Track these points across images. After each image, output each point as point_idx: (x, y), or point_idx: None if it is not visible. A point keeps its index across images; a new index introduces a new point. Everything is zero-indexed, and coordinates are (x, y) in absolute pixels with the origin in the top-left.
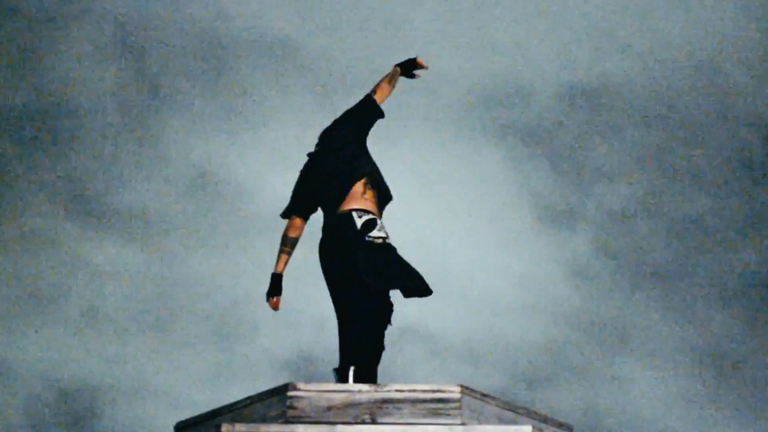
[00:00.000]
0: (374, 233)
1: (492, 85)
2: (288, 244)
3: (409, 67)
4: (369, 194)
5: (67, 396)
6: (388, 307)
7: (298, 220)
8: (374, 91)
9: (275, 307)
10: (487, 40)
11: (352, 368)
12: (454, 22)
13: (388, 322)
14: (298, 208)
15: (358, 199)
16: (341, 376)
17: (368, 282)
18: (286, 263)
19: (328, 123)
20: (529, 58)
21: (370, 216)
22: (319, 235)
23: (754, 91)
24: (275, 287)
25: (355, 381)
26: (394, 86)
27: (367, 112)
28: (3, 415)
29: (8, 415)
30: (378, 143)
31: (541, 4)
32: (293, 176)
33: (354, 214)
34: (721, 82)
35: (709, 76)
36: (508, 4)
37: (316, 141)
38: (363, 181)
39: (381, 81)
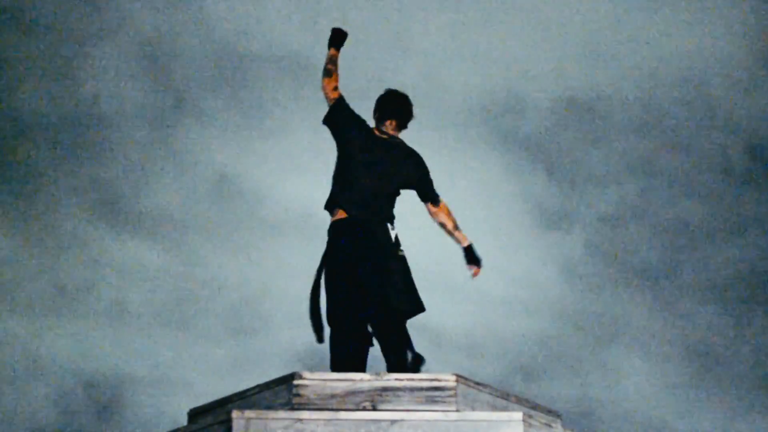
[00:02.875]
0: (401, 248)
1: (493, 97)
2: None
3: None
4: None
5: (94, 386)
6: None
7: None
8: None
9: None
10: (488, 55)
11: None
12: (458, 38)
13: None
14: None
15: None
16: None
17: (395, 303)
18: (335, 53)
19: None
20: (527, 72)
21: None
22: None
23: (736, 103)
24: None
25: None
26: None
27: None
28: (34, 403)
29: (38, 404)
30: None
31: (539, 23)
32: (307, 182)
33: (388, 224)
34: (706, 95)
35: (695, 89)
36: (507, 22)
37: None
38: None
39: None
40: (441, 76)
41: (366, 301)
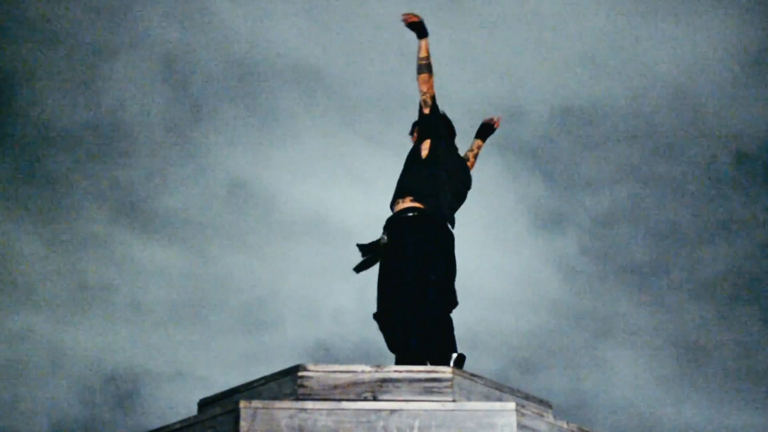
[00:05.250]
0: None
1: (492, 105)
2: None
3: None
4: None
5: (113, 379)
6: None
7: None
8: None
9: (406, 17)
10: (488, 66)
11: (454, 355)
12: (459, 49)
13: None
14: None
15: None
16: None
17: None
18: (425, 50)
19: (349, 140)
20: (526, 82)
21: None
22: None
23: (724, 112)
24: (422, 27)
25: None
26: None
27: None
28: (57, 395)
29: (61, 396)
30: (392, 157)
31: (536, 35)
32: (316, 186)
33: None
34: (695, 104)
35: (685, 98)
36: (506, 34)
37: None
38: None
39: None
40: (443, 84)
41: None
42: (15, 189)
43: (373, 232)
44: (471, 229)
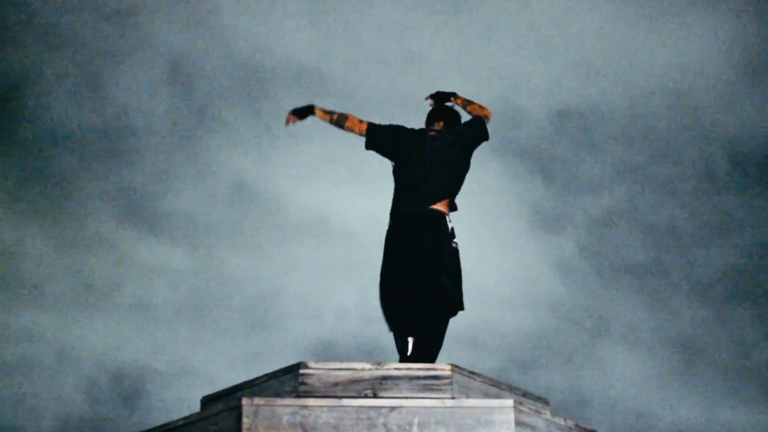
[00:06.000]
0: (456, 240)
1: (492, 108)
2: (340, 120)
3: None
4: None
5: (120, 377)
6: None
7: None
8: (478, 114)
9: (287, 121)
10: (487, 69)
11: (411, 339)
12: (460, 53)
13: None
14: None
15: (450, 204)
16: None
17: (446, 285)
18: (325, 115)
19: (351, 143)
20: (526, 85)
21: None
22: (342, 236)
23: (720, 115)
24: (303, 110)
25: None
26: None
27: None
28: (63, 392)
29: (68, 393)
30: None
31: (536, 38)
32: (319, 188)
33: (447, 217)
34: (691, 106)
35: (681, 101)
36: (507, 37)
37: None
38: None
39: (472, 104)
40: (443, 88)
41: None
42: (23, 190)
43: (375, 233)
44: (471, 229)
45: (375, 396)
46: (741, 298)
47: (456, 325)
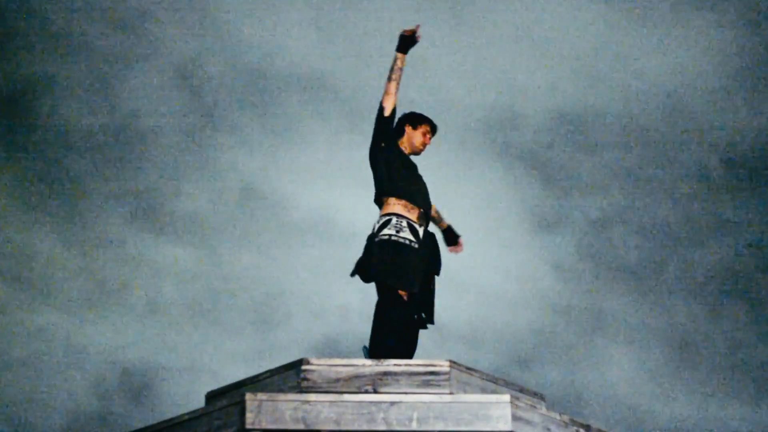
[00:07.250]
0: (385, 231)
1: (492, 112)
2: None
3: (405, 45)
4: (401, 203)
5: (129, 374)
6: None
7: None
8: (382, 98)
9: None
10: (486, 74)
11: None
12: (459, 58)
13: (414, 325)
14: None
15: (391, 206)
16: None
17: (375, 275)
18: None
19: (355, 145)
20: (524, 89)
21: (389, 217)
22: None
23: (714, 118)
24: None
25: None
26: (396, 76)
27: (378, 126)
28: (74, 389)
29: (78, 389)
30: None
31: (534, 43)
32: (324, 190)
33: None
34: (686, 111)
35: (676, 105)
36: (506, 44)
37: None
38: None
39: (386, 83)
40: (443, 92)
41: None
42: (35, 191)
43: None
44: (471, 230)
45: (375, 391)
46: (734, 297)
47: (456, 323)
